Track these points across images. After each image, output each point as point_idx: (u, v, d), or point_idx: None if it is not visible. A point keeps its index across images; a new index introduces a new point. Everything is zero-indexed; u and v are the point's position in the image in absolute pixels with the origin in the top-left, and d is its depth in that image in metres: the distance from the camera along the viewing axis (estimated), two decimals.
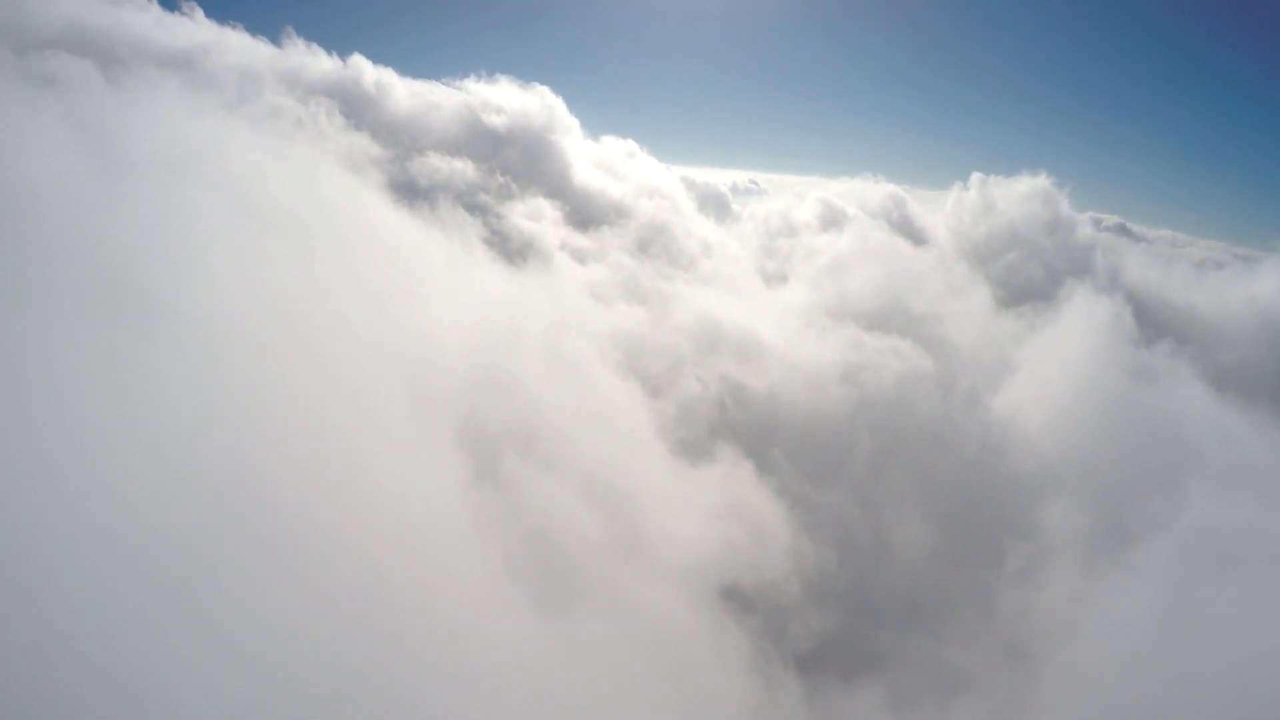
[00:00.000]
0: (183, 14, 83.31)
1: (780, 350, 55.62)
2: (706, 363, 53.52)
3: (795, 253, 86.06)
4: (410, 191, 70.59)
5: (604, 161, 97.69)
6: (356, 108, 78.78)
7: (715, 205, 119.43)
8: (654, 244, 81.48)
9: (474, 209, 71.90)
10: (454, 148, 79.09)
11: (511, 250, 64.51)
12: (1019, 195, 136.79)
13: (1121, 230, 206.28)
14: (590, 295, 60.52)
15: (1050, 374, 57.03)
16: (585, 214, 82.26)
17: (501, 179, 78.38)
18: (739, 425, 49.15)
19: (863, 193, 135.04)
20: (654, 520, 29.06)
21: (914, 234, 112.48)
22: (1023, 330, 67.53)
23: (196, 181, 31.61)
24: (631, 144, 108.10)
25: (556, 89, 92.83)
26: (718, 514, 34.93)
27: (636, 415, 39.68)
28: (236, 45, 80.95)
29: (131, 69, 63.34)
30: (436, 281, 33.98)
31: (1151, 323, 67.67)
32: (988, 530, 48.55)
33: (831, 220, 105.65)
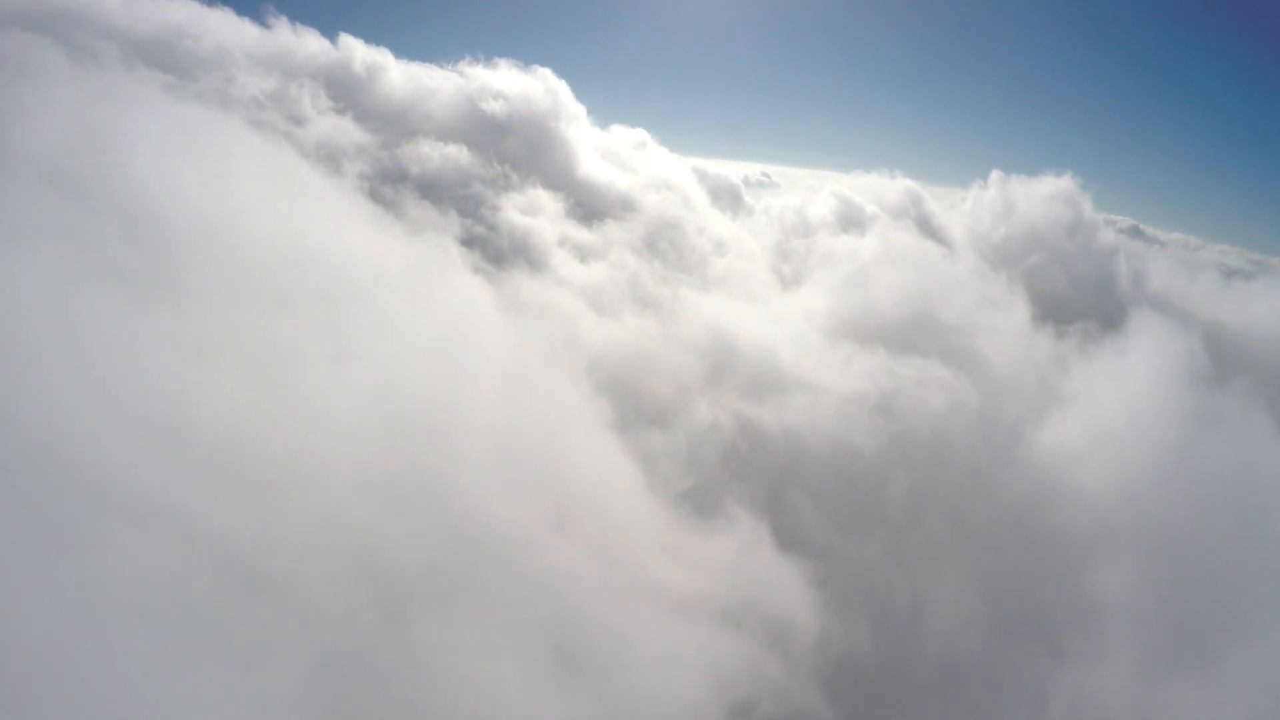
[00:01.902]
0: None
1: (800, 374, 47.01)
2: (718, 389, 44.98)
3: (813, 254, 77.02)
4: (398, 181, 62.17)
5: (611, 151, 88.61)
6: (345, 91, 70.04)
7: (728, 198, 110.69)
8: (662, 240, 72.80)
9: (467, 201, 63.34)
10: (449, 134, 70.35)
11: (500, 252, 55.82)
12: (1041, 196, 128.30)
13: (1135, 233, 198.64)
14: (587, 301, 51.85)
15: (1105, 411, 48.11)
16: (589, 207, 73.58)
17: (499, 168, 69.60)
18: (754, 469, 40.70)
19: (878, 188, 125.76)
20: (648, 657, 20.70)
21: (931, 233, 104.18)
22: (1065, 353, 58.41)
23: (75, 192, 23.24)
24: (642, 133, 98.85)
25: (561, 74, 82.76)
26: (730, 616, 26.45)
27: (629, 483, 30.94)
28: (217, 26, 71.79)
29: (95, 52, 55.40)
30: (375, 326, 25.22)
31: (1216, 350, 58.11)
32: (1037, 597, 40.45)
33: (850, 219, 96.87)
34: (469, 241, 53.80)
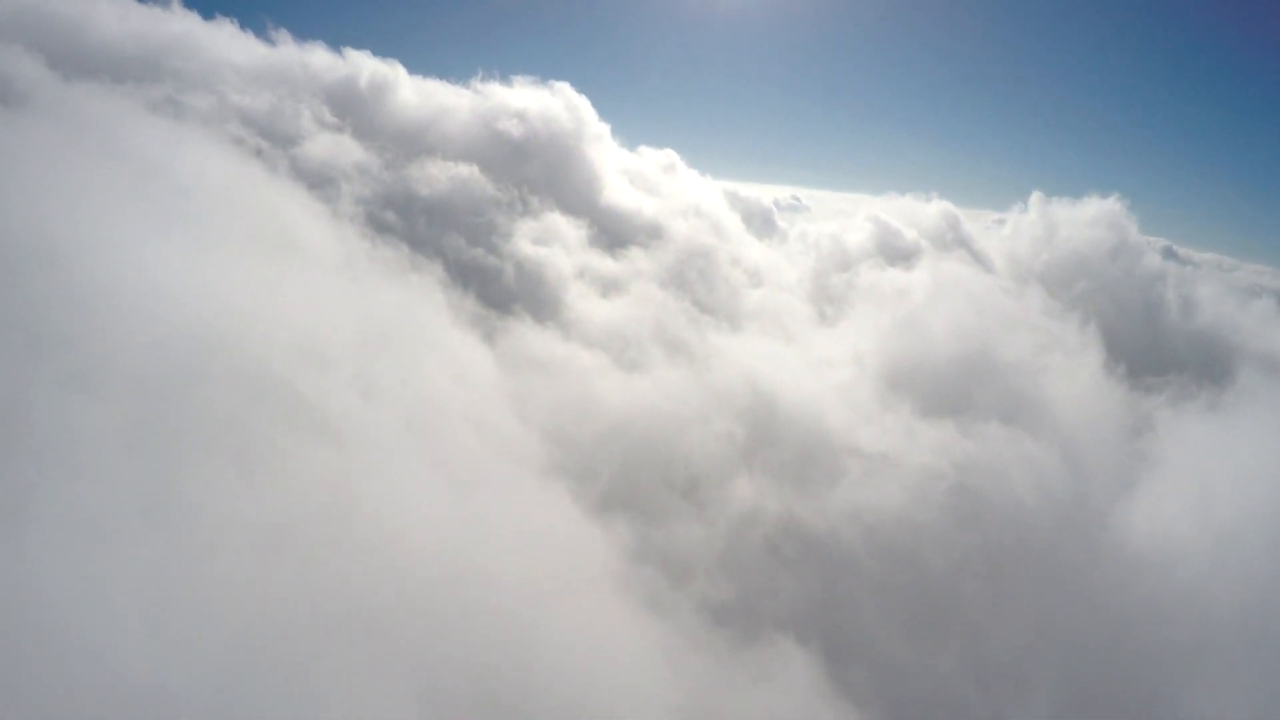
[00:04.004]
0: (157, 4, 66.11)
1: (853, 441, 38.81)
2: (757, 462, 36.85)
3: (855, 289, 68.38)
4: (401, 205, 54.63)
5: (638, 174, 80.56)
6: (349, 108, 62.54)
7: (760, 222, 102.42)
8: (691, 270, 64.78)
9: (477, 228, 55.64)
10: (461, 154, 62.63)
11: (507, 290, 47.86)
12: (1085, 219, 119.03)
13: (1169, 254, 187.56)
14: (605, 348, 43.90)
15: (1214, 490, 39.41)
16: (613, 235, 65.55)
17: (515, 191, 61.74)
18: (803, 567, 32.61)
19: (914, 211, 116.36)
20: None
21: (974, 260, 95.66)
22: (1153, 412, 49.66)
23: None
24: (671, 154, 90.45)
25: (583, 93, 74.35)
26: None
27: (646, 632, 22.62)
28: (213, 42, 64.41)
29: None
30: (294, 447, 17.09)
31: None
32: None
33: (890, 245, 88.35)
34: (469, 277, 45.86)
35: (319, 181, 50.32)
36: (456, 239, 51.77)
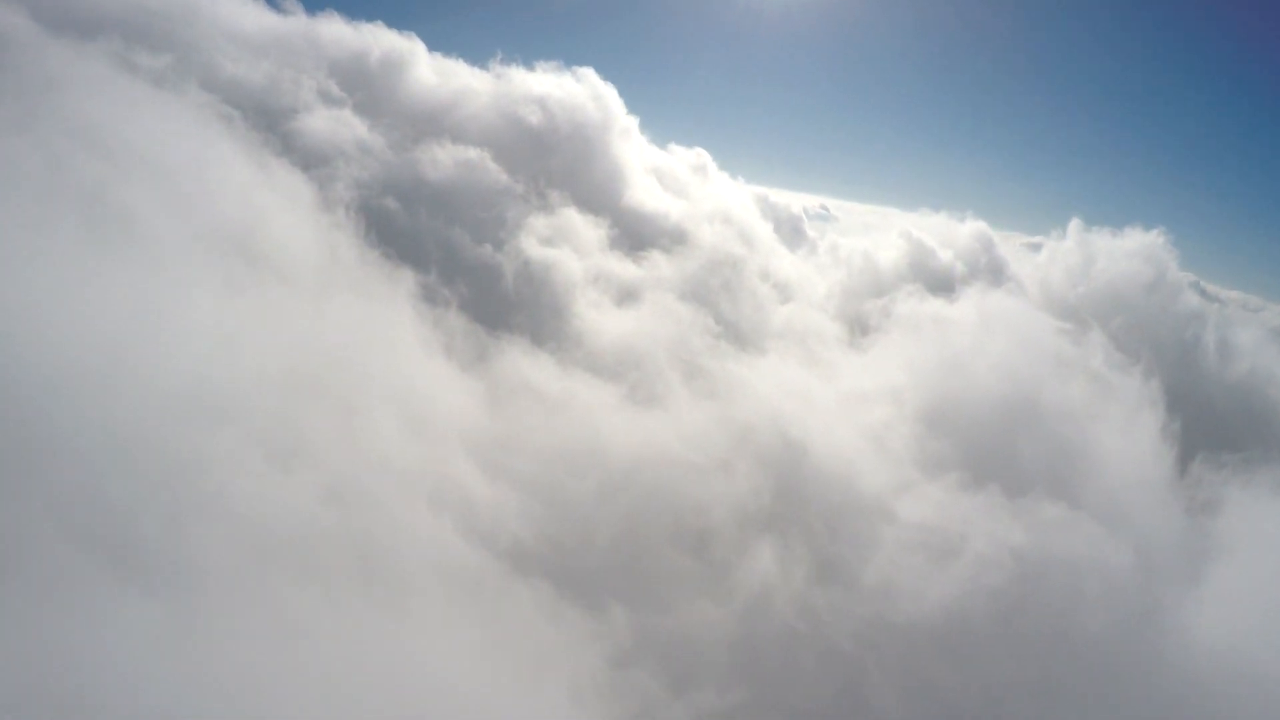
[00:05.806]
0: None
1: (891, 507, 33.27)
2: (778, 521, 31.37)
3: (890, 316, 62.37)
4: (406, 193, 49.25)
5: (667, 173, 74.83)
6: (357, 84, 57.03)
7: (789, 231, 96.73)
8: (715, 280, 59.29)
9: (485, 224, 50.16)
10: (474, 139, 57.07)
11: (502, 303, 42.34)
12: (1124, 251, 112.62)
13: (1195, 290, 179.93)
14: (613, 374, 38.42)
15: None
16: (635, 237, 60.00)
17: (530, 184, 56.18)
18: (830, 657, 27.30)
19: (947, 230, 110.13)
20: None
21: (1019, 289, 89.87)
22: (1209, 479, 43.81)
23: None
24: (702, 153, 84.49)
25: (609, 80, 68.27)
26: None
27: None
28: (216, 6, 58.81)
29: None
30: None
31: None
32: None
33: (926, 268, 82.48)
34: (463, 281, 40.31)
35: (315, 161, 45.05)
36: (459, 233, 46.36)
